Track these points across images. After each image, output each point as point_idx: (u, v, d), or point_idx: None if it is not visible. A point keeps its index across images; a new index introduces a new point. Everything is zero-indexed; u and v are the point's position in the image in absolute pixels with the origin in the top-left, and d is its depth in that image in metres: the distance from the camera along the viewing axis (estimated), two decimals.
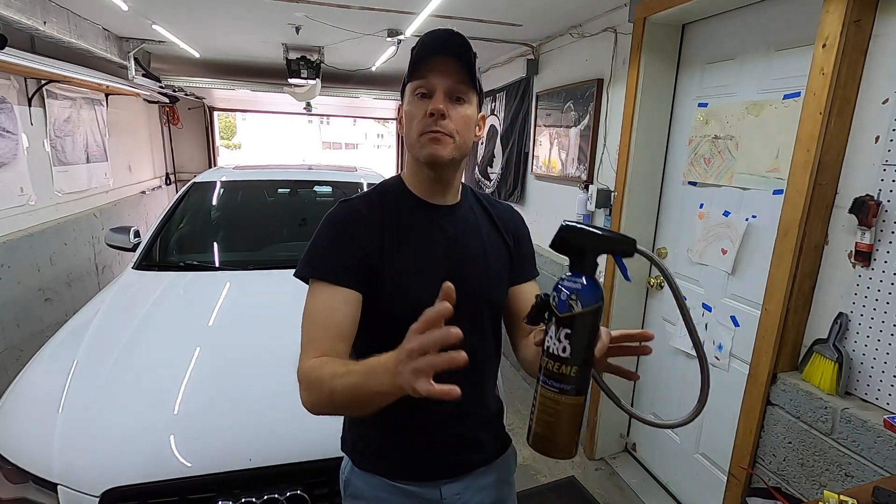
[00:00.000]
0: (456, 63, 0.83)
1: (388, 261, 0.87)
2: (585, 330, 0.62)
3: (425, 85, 0.84)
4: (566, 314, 0.62)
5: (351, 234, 0.87)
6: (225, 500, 1.21)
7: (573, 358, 0.62)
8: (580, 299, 0.62)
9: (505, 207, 1.04)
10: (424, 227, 0.91)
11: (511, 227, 1.01)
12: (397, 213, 0.91)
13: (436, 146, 0.84)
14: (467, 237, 0.94)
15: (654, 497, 2.23)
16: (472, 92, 0.87)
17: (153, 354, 1.58)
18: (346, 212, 0.91)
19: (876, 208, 1.23)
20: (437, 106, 0.82)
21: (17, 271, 2.70)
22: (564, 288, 0.63)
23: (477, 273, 0.93)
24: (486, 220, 0.99)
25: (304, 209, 2.91)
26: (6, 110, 2.65)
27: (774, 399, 1.50)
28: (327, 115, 10.98)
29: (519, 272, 1.00)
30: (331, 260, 0.86)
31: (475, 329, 0.93)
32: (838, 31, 1.27)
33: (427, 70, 0.84)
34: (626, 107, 2.16)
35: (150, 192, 5.08)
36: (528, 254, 1.03)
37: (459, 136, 0.85)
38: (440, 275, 0.84)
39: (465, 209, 0.97)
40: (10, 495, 1.21)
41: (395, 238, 0.89)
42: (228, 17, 2.80)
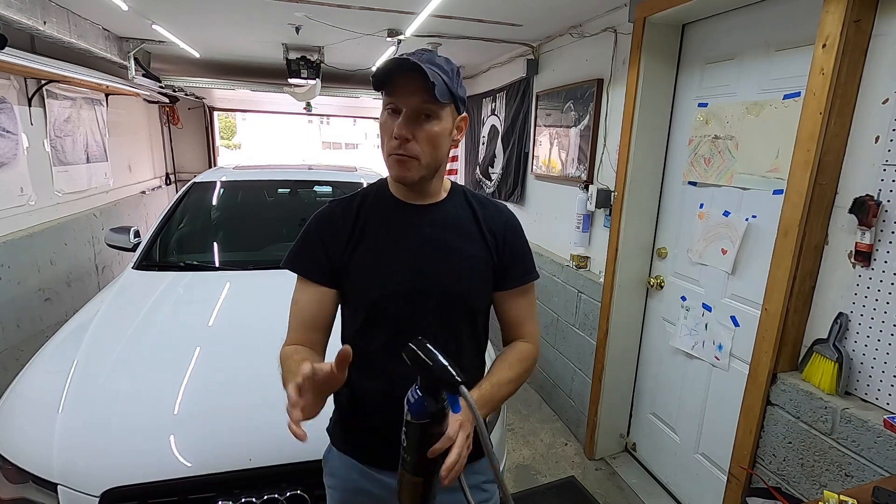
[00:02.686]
0: (421, 81, 0.81)
1: (354, 260, 0.93)
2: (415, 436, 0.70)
3: (393, 102, 0.86)
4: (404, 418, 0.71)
5: (321, 235, 0.95)
6: (225, 500, 1.21)
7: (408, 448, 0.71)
8: (410, 411, 0.69)
9: (496, 209, 1.02)
10: (398, 225, 0.95)
11: (496, 230, 0.98)
12: (373, 214, 0.96)
13: (401, 168, 0.88)
14: (441, 235, 0.94)
15: (654, 497, 2.23)
16: (444, 106, 0.86)
17: (153, 354, 1.58)
18: (323, 214, 0.99)
19: (876, 208, 1.23)
20: (401, 132, 0.84)
21: (17, 271, 2.69)
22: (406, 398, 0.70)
23: (449, 271, 0.93)
24: (470, 221, 0.98)
25: (304, 209, 2.90)
26: (6, 110, 2.65)
27: (774, 399, 1.50)
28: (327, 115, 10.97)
29: (504, 278, 0.98)
30: (303, 257, 0.96)
31: (444, 328, 0.94)
32: (838, 31, 1.27)
33: (395, 87, 0.85)
34: (626, 107, 2.16)
35: (150, 192, 5.08)
36: (517, 258, 0.99)
37: (425, 156, 0.87)
38: (406, 272, 0.93)
39: (447, 208, 0.98)
40: (10, 495, 1.21)
41: (363, 238, 0.94)
42: (228, 17, 2.80)
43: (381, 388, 0.95)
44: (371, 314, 0.94)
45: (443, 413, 0.71)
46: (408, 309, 0.92)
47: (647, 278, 2.31)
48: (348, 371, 0.87)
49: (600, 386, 2.40)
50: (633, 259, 2.28)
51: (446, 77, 0.84)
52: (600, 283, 2.39)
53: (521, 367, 0.96)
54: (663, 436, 2.25)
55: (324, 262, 0.94)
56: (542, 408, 2.96)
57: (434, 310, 0.93)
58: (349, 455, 1.02)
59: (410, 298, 0.92)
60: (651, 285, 2.27)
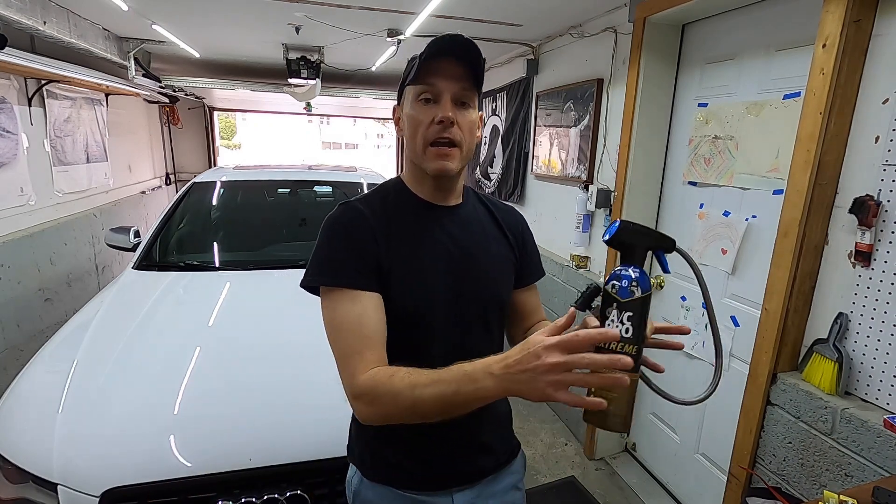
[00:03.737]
0: (463, 67, 0.81)
1: (395, 264, 0.84)
2: (643, 312, 0.69)
3: (431, 91, 0.82)
4: (628, 299, 0.69)
5: (358, 236, 0.83)
6: (225, 500, 1.21)
7: (634, 338, 0.68)
8: (640, 286, 0.69)
9: (508, 209, 1.03)
10: (428, 227, 0.89)
11: (515, 229, 1.00)
12: (400, 214, 0.89)
13: (443, 161, 0.83)
14: (471, 238, 0.92)
15: (654, 497, 2.23)
16: (476, 95, 0.86)
17: (153, 354, 1.58)
18: (349, 214, 0.86)
19: (876, 208, 1.23)
20: (447, 114, 0.80)
21: (17, 271, 2.69)
22: (625, 276, 0.70)
23: (484, 273, 0.92)
24: (490, 221, 0.98)
25: (304, 209, 2.91)
26: (6, 110, 2.65)
27: (774, 399, 1.50)
28: (327, 115, 10.99)
29: (524, 275, 1.00)
30: (344, 264, 0.81)
31: (486, 330, 0.93)
32: (838, 31, 1.27)
33: (433, 74, 0.81)
34: (626, 107, 2.16)
35: (150, 192, 5.08)
36: (533, 256, 1.03)
37: (466, 144, 0.84)
38: (446, 275, 0.88)
39: (467, 210, 0.96)
40: (10, 495, 1.21)
41: (400, 240, 0.86)
42: (228, 17, 2.80)
43: None
44: (409, 318, 0.85)
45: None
46: (451, 317, 0.88)
47: None
48: None
49: None
50: None
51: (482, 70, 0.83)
52: (600, 283, 2.38)
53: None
54: (663, 436, 2.25)
55: (369, 265, 0.82)
56: (542, 408, 2.96)
57: (476, 314, 0.91)
58: (387, 484, 0.92)
59: (453, 305, 0.88)
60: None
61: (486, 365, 0.65)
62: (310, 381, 1.49)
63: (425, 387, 0.68)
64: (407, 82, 0.85)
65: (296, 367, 1.54)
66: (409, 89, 0.85)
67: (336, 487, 1.28)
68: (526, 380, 0.60)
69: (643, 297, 0.69)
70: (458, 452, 0.93)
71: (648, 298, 0.70)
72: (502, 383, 0.63)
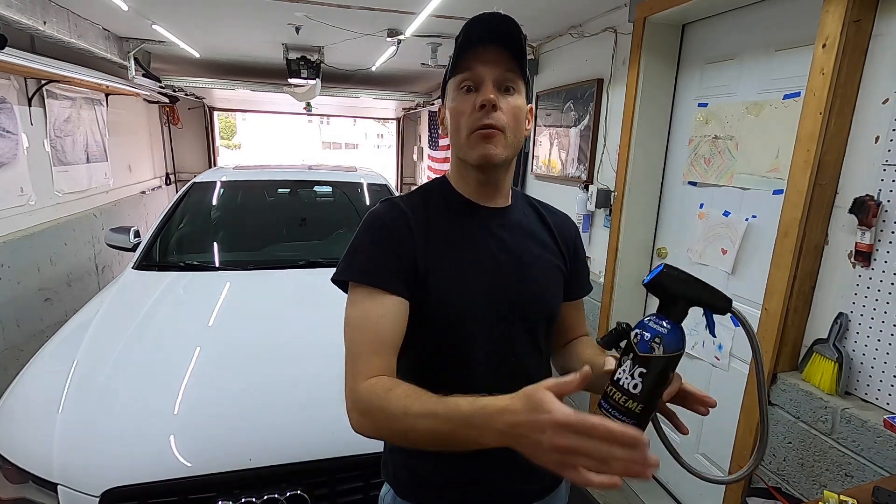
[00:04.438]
0: (504, 49, 0.76)
1: (434, 265, 0.79)
2: (660, 374, 0.62)
3: (471, 77, 0.77)
4: (645, 354, 0.62)
5: (397, 235, 0.79)
6: (225, 500, 1.20)
7: (642, 396, 0.61)
8: (663, 344, 0.62)
9: (562, 216, 0.96)
10: (473, 230, 0.83)
11: (568, 238, 0.93)
12: (443, 215, 0.83)
13: (487, 146, 0.76)
14: (520, 243, 0.85)
15: (654, 497, 2.23)
16: (521, 81, 0.79)
17: (153, 354, 1.58)
18: (390, 211, 0.82)
19: (876, 208, 1.23)
20: (488, 96, 0.75)
21: (17, 271, 2.69)
22: (650, 329, 0.63)
23: (533, 282, 0.85)
24: (541, 227, 0.91)
25: (304, 209, 2.91)
26: (6, 110, 2.65)
27: (774, 399, 1.50)
28: (327, 115, 10.99)
29: (574, 288, 0.94)
30: (377, 263, 0.77)
31: (532, 343, 0.86)
32: (838, 31, 1.27)
33: (473, 60, 0.76)
34: (626, 107, 2.16)
35: (150, 192, 5.08)
36: (583, 268, 0.96)
37: (511, 132, 0.78)
38: (491, 281, 0.82)
39: (517, 213, 0.89)
40: (10, 495, 1.21)
41: (441, 241, 0.81)
42: (228, 17, 2.80)
43: None
44: (449, 326, 0.80)
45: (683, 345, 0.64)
46: (494, 325, 0.82)
47: None
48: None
49: None
50: (633, 259, 2.28)
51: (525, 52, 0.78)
52: (600, 283, 2.39)
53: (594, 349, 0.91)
54: None
55: (402, 267, 0.77)
56: None
57: (521, 325, 0.84)
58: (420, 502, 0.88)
59: (496, 313, 0.82)
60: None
61: (487, 414, 0.57)
62: (310, 382, 1.49)
63: (418, 417, 0.62)
64: (448, 76, 0.81)
65: (296, 367, 1.54)
66: (450, 83, 0.81)
67: (336, 487, 1.28)
68: (530, 445, 0.53)
69: (665, 358, 0.62)
70: (500, 474, 0.84)
71: (673, 361, 0.63)
72: (505, 440, 0.56)
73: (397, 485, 0.89)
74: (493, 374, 0.82)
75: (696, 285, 0.67)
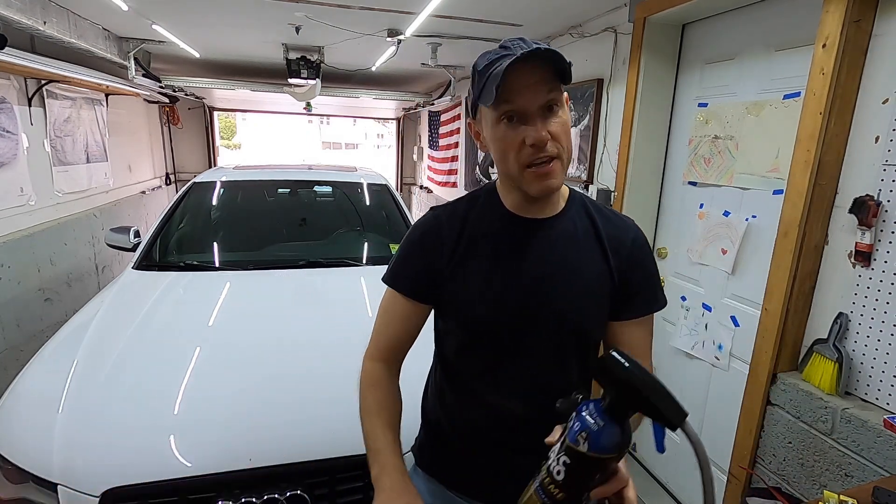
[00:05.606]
0: (541, 69, 0.70)
1: (457, 276, 0.83)
2: (586, 471, 0.56)
3: (512, 109, 0.72)
4: (572, 445, 0.55)
5: (427, 245, 0.86)
6: (225, 500, 1.20)
7: (564, 486, 0.56)
8: (590, 441, 0.54)
9: (618, 222, 0.86)
10: (507, 241, 0.83)
11: (621, 247, 0.83)
12: (482, 226, 0.84)
13: (547, 181, 0.75)
14: (557, 255, 0.82)
15: (654, 497, 2.23)
16: (561, 90, 0.75)
17: (153, 354, 1.58)
18: (426, 223, 0.88)
19: (876, 208, 1.23)
20: (540, 136, 0.71)
21: (17, 271, 2.69)
22: (582, 419, 0.56)
23: (562, 297, 0.81)
24: (590, 236, 0.84)
25: (304, 209, 2.90)
26: (6, 110, 2.65)
27: (774, 399, 1.50)
28: (327, 115, 10.99)
29: (625, 305, 0.83)
30: (401, 271, 0.88)
31: (557, 362, 0.83)
32: (838, 31, 1.27)
33: (511, 89, 0.70)
34: (626, 107, 2.16)
35: (150, 192, 5.08)
36: (644, 283, 0.84)
37: (566, 152, 0.76)
38: (518, 295, 0.81)
39: (564, 221, 0.84)
40: (10, 495, 1.21)
41: (470, 252, 0.83)
42: (228, 17, 2.80)
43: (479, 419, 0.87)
44: (474, 333, 0.84)
45: (626, 447, 0.56)
46: (516, 333, 0.82)
47: None
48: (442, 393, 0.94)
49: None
50: None
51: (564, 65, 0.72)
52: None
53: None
54: None
55: (422, 276, 0.85)
56: None
57: (545, 338, 0.81)
58: (436, 479, 0.94)
59: (520, 321, 0.81)
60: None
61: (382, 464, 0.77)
62: (310, 381, 1.49)
63: (363, 423, 0.84)
64: (480, 100, 0.74)
65: (296, 367, 1.54)
66: (485, 108, 0.76)
67: (336, 487, 1.28)
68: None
69: (589, 457, 0.54)
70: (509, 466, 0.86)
71: (597, 462, 0.55)
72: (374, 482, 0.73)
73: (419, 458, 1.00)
74: (490, 377, 0.85)
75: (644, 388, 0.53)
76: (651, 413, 0.54)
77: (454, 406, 0.91)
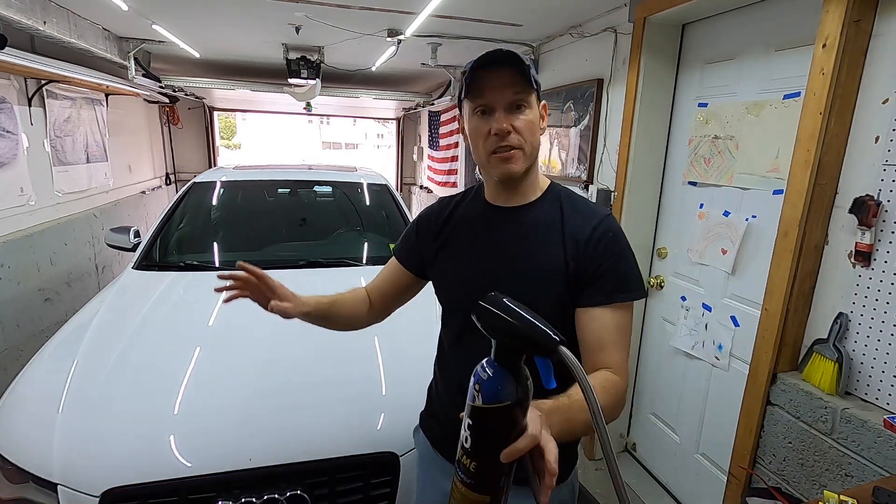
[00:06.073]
0: (509, 72, 0.83)
1: (439, 252, 1.01)
2: (487, 427, 0.53)
3: (483, 102, 0.85)
4: (470, 403, 0.54)
5: (421, 227, 1.06)
6: (225, 500, 1.21)
7: (472, 451, 0.54)
8: (482, 393, 0.53)
9: (589, 215, 0.89)
10: (478, 228, 0.96)
11: (579, 236, 0.87)
12: (465, 212, 1.00)
13: (507, 164, 0.86)
14: (518, 240, 0.90)
15: (654, 497, 2.23)
16: (531, 93, 0.86)
17: (153, 354, 1.58)
18: (428, 210, 1.08)
19: (876, 208, 1.23)
20: (501, 126, 0.83)
21: (17, 271, 2.69)
22: (476, 374, 0.55)
23: (513, 278, 0.88)
24: (555, 226, 0.89)
25: (304, 209, 2.90)
26: (6, 110, 2.65)
27: (774, 399, 1.50)
28: (327, 115, 10.98)
29: (584, 292, 0.85)
30: (400, 244, 1.11)
31: None
32: (838, 31, 1.27)
33: (483, 86, 0.84)
34: (626, 107, 2.16)
35: (150, 192, 5.08)
36: (604, 270, 0.85)
37: (528, 144, 0.86)
38: (473, 277, 0.94)
39: (535, 211, 0.92)
40: (10, 495, 1.21)
41: (451, 233, 1.00)
42: (228, 17, 2.80)
43: (449, 382, 1.01)
44: (446, 308, 1.02)
45: (525, 395, 0.53)
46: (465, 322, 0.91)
47: (647, 278, 2.30)
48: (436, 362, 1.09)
49: None
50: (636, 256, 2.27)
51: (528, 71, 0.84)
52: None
53: (608, 399, 0.76)
54: (663, 436, 2.25)
55: (413, 251, 1.06)
56: None
57: None
58: (427, 437, 1.09)
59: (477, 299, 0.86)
60: (651, 285, 2.27)
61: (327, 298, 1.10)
62: (310, 382, 1.49)
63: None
64: (462, 96, 0.88)
65: (296, 368, 1.55)
66: (465, 102, 0.88)
67: (336, 487, 1.28)
68: None
69: (483, 409, 0.53)
70: None
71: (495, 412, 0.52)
72: None
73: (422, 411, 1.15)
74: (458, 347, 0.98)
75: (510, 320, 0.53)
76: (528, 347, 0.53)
77: (438, 374, 1.08)
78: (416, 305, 1.15)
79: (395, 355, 1.61)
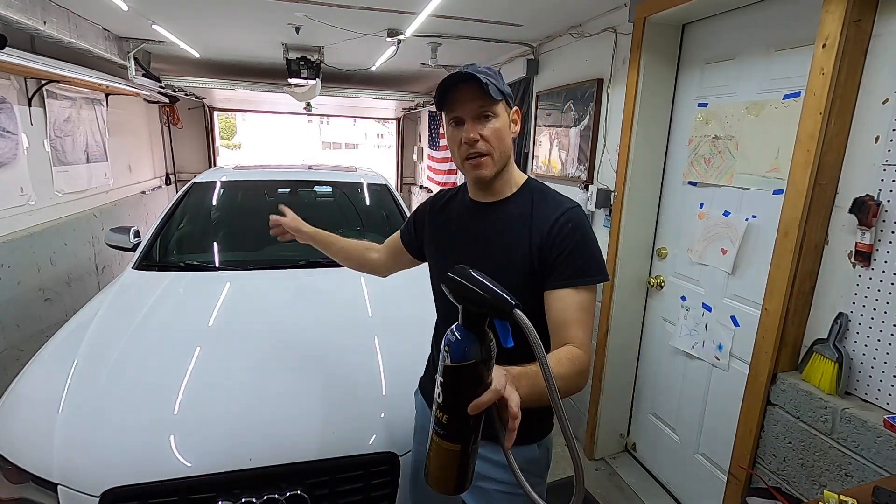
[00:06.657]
0: (473, 87, 0.92)
1: (431, 242, 1.16)
2: (456, 383, 0.61)
3: (455, 115, 0.97)
4: (441, 364, 0.63)
5: (419, 215, 1.23)
6: (225, 500, 1.21)
7: (444, 405, 0.62)
8: (451, 353, 0.61)
9: (555, 207, 0.98)
10: (460, 218, 1.09)
11: (544, 227, 0.95)
12: (453, 206, 1.13)
13: (478, 170, 0.98)
14: (490, 231, 1.02)
15: (654, 497, 2.23)
16: (498, 103, 0.95)
17: (153, 354, 1.58)
18: (425, 202, 1.23)
19: (876, 208, 1.23)
20: (468, 136, 0.95)
21: (17, 271, 2.69)
22: (446, 338, 0.63)
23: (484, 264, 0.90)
24: (524, 218, 0.99)
25: (304, 209, 2.89)
26: (6, 110, 2.65)
27: (774, 399, 1.50)
28: (327, 115, 10.98)
29: (548, 277, 0.94)
30: (404, 229, 1.30)
31: None
32: (838, 31, 1.27)
33: (453, 100, 0.95)
34: (626, 107, 2.16)
35: (150, 192, 5.08)
36: (565, 257, 0.93)
37: (496, 150, 0.97)
38: (450, 258, 1.06)
39: (508, 206, 1.03)
40: (10, 495, 1.21)
41: (438, 223, 1.14)
42: (228, 17, 2.80)
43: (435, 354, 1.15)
44: (434, 293, 1.15)
45: (489, 355, 0.61)
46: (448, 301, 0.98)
47: (647, 278, 2.30)
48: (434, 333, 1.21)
49: (600, 386, 2.40)
50: (633, 259, 2.28)
51: (493, 79, 0.94)
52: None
53: (571, 367, 0.84)
54: (663, 436, 2.25)
55: (412, 235, 1.25)
56: None
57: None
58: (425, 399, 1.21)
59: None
60: (651, 285, 2.27)
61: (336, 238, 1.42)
62: (310, 381, 1.49)
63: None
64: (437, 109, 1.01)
65: (296, 367, 1.54)
66: (443, 114, 1.00)
67: (336, 488, 1.28)
68: None
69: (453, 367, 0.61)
70: None
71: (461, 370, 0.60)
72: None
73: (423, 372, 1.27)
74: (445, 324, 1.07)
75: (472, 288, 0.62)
76: (488, 310, 0.61)
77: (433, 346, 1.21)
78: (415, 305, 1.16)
79: (395, 355, 1.61)
